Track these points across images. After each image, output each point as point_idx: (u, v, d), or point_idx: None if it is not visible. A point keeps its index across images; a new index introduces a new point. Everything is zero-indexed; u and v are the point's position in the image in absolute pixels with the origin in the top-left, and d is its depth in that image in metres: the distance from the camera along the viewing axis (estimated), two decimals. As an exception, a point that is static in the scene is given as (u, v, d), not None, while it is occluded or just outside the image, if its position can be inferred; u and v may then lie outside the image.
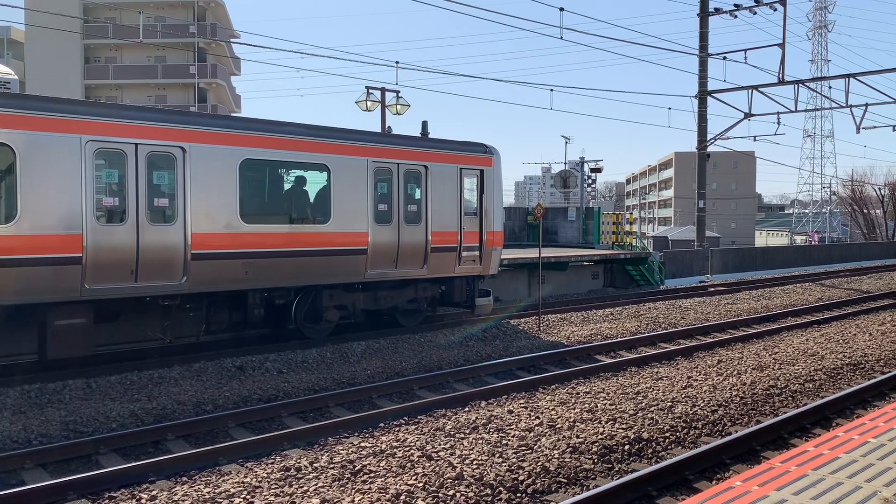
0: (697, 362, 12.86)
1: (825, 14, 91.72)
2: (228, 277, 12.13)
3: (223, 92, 62.94)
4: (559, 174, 34.67)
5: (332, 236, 13.43)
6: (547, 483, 7.14)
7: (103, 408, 9.66)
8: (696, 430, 8.94)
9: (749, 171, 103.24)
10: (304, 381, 11.37)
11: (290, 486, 6.96)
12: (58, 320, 10.66)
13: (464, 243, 15.58)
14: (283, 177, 13.47)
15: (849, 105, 28.50)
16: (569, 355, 13.62)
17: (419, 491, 6.73)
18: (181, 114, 12.32)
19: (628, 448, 8.13)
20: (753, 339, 15.30)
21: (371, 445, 8.09)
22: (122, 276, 10.97)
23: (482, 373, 12.25)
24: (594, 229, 30.59)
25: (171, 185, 11.57)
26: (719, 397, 10.20)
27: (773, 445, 8.48)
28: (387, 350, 13.49)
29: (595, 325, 16.77)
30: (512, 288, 22.83)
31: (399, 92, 25.96)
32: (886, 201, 66.66)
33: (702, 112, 31.82)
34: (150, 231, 11.23)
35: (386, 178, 14.42)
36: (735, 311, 19.64)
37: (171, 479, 7.34)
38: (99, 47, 59.92)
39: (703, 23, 31.65)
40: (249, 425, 9.42)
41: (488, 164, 16.13)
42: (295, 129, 13.16)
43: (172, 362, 11.83)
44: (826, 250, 42.82)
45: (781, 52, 28.35)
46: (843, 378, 11.88)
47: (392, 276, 14.48)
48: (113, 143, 10.93)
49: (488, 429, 8.69)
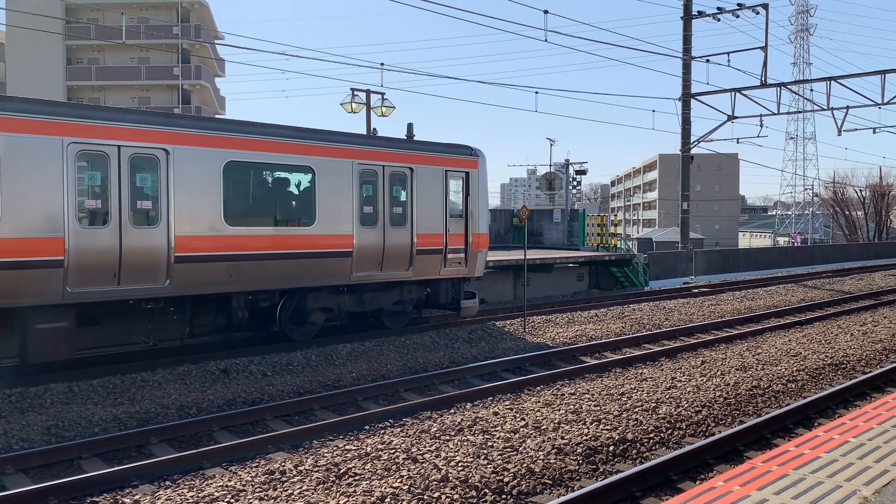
0: (681, 363, 12.94)
1: (807, 18, 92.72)
2: (212, 280, 12.07)
3: (207, 93, 62.62)
4: (544, 176, 34.80)
5: (317, 238, 13.39)
6: (532, 484, 7.15)
7: (86, 412, 9.57)
8: (680, 430, 9.00)
9: (732, 173, 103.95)
10: (288, 383, 11.33)
11: (275, 489, 6.93)
12: (39, 324, 10.56)
13: (449, 245, 15.59)
14: (268, 179, 13.42)
15: (830, 108, 28.77)
16: (554, 357, 13.66)
17: (404, 493, 6.73)
18: (164, 115, 12.25)
19: (613, 449, 8.16)
20: (737, 340, 15.41)
21: (356, 448, 8.07)
22: (105, 279, 10.89)
23: (468, 375, 12.26)
24: (579, 231, 30.72)
25: (154, 187, 11.50)
26: (703, 398, 10.27)
27: (756, 445, 8.55)
28: (372, 352, 13.47)
29: (580, 327, 16.83)
30: (497, 290, 22.87)
31: (384, 94, 25.94)
32: (867, 203, 67.39)
33: (685, 114, 32.03)
34: (133, 234, 11.15)
35: (371, 181, 14.41)
36: (719, 312, 19.78)
37: (154, 483, 7.29)
38: (81, 48, 59.44)
39: (687, 26, 31.88)
40: (234, 429, 9.37)
41: (473, 166, 16.15)
42: (279, 131, 13.12)
43: (156, 365, 11.75)
44: (808, 251, 43.23)
45: (764, 56, 28.63)
46: (825, 378, 11.99)
47: (377, 278, 14.47)
48: (95, 145, 10.84)
49: (473, 430, 8.70)
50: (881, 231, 65.78)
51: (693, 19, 31.71)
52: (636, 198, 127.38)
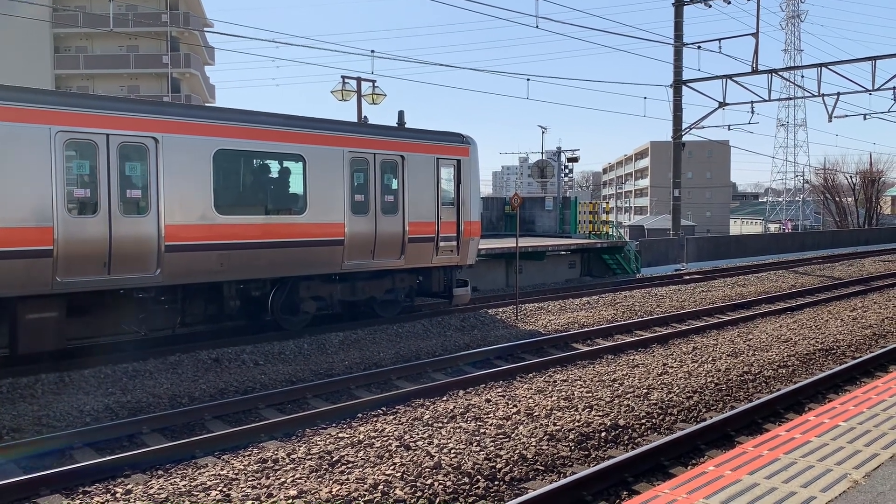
0: (673, 349, 12.98)
1: (798, 4, 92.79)
2: (203, 269, 12.02)
3: (197, 82, 62.17)
4: (536, 164, 34.75)
5: (309, 227, 13.35)
6: (524, 470, 7.18)
7: (77, 402, 9.54)
8: (671, 416, 9.04)
9: (724, 159, 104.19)
10: (281, 372, 11.32)
11: (268, 477, 6.93)
12: (29, 314, 10.50)
13: (441, 233, 15.57)
14: (258, 167, 13.36)
15: (821, 94, 28.83)
16: (546, 344, 13.69)
17: (397, 481, 6.74)
18: (154, 104, 12.16)
19: (605, 435, 8.19)
20: (728, 326, 15.48)
21: (349, 436, 8.07)
22: (95, 269, 10.82)
23: (460, 362, 12.27)
24: (571, 219, 30.72)
25: (143, 176, 11.42)
26: (694, 384, 10.32)
27: (747, 430, 8.59)
28: (364, 341, 13.47)
29: (572, 314, 16.87)
30: (489, 278, 22.88)
31: (375, 81, 25.84)
32: (857, 189, 67.69)
33: (677, 101, 32.03)
34: (122, 223, 11.08)
35: (362, 169, 14.35)
36: (710, 299, 19.85)
37: (146, 472, 7.28)
38: (69, 36, 58.84)
39: (678, 12, 31.82)
40: (226, 418, 9.36)
41: (465, 153, 16.11)
42: (270, 119, 13.04)
43: (147, 355, 11.70)
44: (799, 238, 43.42)
45: (755, 42, 28.63)
46: (815, 363, 12.06)
47: (369, 266, 14.44)
48: (84, 134, 10.75)
49: (466, 418, 8.71)
50: (871, 217, 66.12)
51: (685, 6, 31.65)
52: (628, 185, 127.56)
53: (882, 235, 50.39)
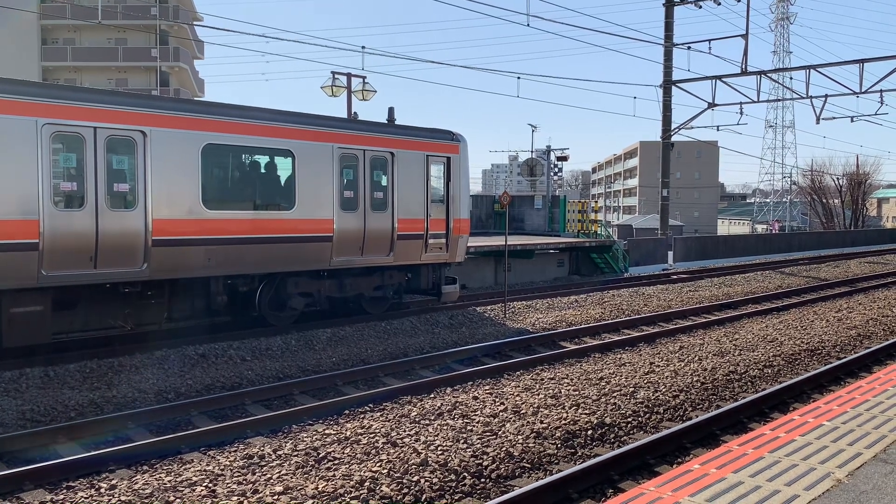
0: (660, 348, 13.04)
1: (787, 6, 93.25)
2: (190, 264, 11.96)
3: (186, 76, 61.81)
4: (526, 162, 34.79)
5: (297, 223, 13.30)
6: (511, 468, 7.19)
7: (61, 396, 9.47)
8: (657, 415, 9.07)
9: (712, 160, 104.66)
10: (268, 368, 11.28)
11: (253, 473, 6.91)
12: (14, 308, 10.41)
13: (430, 231, 15.56)
14: (247, 162, 13.29)
15: (809, 96, 29.02)
16: (534, 342, 13.71)
17: (384, 477, 6.73)
18: (142, 97, 12.05)
19: (591, 433, 8.22)
20: (714, 326, 15.56)
21: (335, 432, 8.06)
22: (81, 263, 10.74)
23: (448, 360, 12.27)
24: (560, 217, 30.79)
25: (131, 169, 11.35)
26: (681, 383, 10.36)
27: (733, 429, 8.64)
28: (352, 337, 13.44)
29: (560, 312, 16.90)
30: (478, 276, 22.89)
31: (365, 77, 25.76)
32: (844, 191, 68.20)
33: (666, 101, 32.15)
34: (109, 217, 11.01)
35: (352, 165, 14.32)
36: (697, 299, 19.95)
37: (131, 467, 7.24)
38: (57, 28, 58.35)
39: (669, 13, 31.93)
40: (212, 413, 9.32)
41: (455, 151, 16.10)
42: (259, 114, 12.98)
43: (134, 350, 11.64)
44: (786, 239, 43.70)
45: (744, 43, 28.76)
46: (800, 363, 12.15)
47: (358, 263, 14.41)
48: (71, 127, 10.66)
49: (453, 415, 8.72)
50: (857, 219, 66.66)
51: (675, 6, 31.76)
52: (617, 184, 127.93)
53: (868, 237, 50.82)
